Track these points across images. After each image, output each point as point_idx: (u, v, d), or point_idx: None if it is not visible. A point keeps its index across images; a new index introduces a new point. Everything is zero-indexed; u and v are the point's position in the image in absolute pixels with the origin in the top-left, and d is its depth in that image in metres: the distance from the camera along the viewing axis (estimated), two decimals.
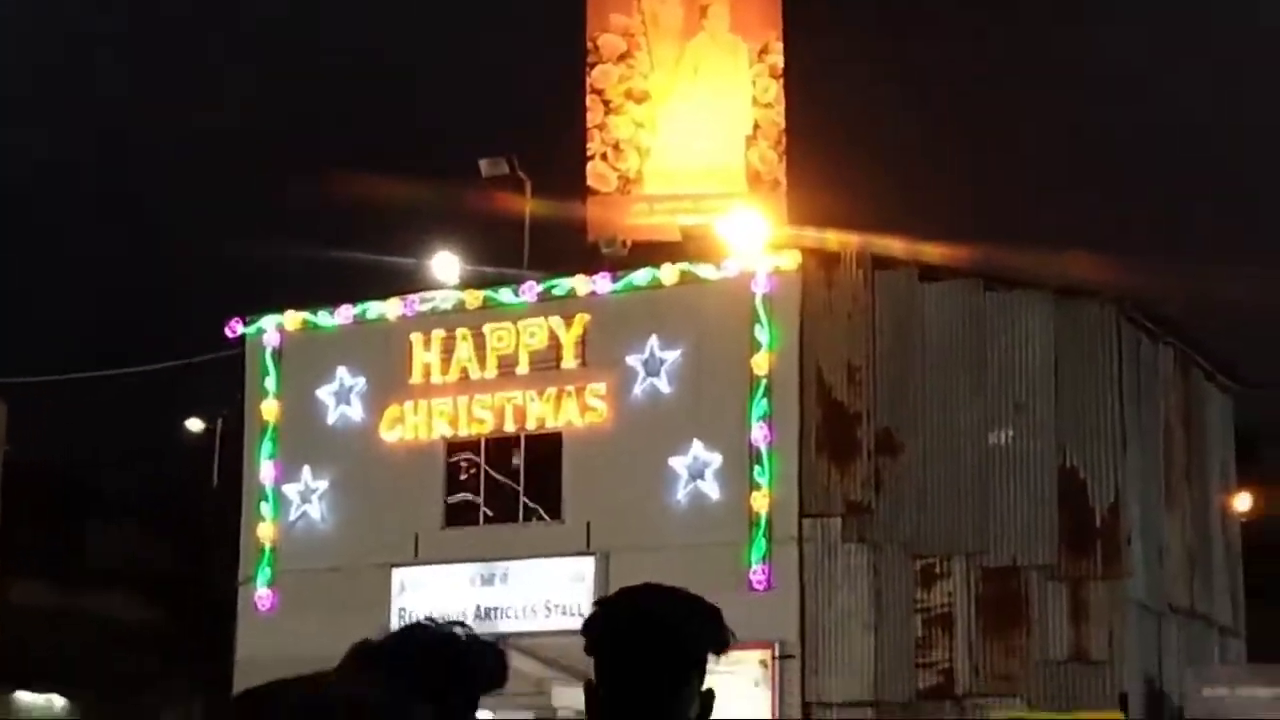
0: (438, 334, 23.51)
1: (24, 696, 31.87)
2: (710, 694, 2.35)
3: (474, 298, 23.47)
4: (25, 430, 31.37)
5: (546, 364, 22.98)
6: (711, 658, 2.21)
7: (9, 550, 30.00)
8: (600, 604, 2.49)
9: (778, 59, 25.70)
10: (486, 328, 23.21)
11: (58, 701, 31.91)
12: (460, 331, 23.39)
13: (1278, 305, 28.52)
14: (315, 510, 24.23)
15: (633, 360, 22.32)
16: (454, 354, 23.36)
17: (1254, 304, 25.58)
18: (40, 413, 32.30)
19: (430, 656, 2.12)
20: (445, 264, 24.69)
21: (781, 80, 25.88)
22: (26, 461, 30.95)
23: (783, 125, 25.75)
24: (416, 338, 23.58)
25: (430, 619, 2.30)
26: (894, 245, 22.57)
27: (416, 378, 23.59)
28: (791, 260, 21.88)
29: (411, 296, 24.04)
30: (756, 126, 25.55)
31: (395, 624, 19.01)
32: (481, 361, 23.19)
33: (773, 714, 20.12)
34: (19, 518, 30.16)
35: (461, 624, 2.24)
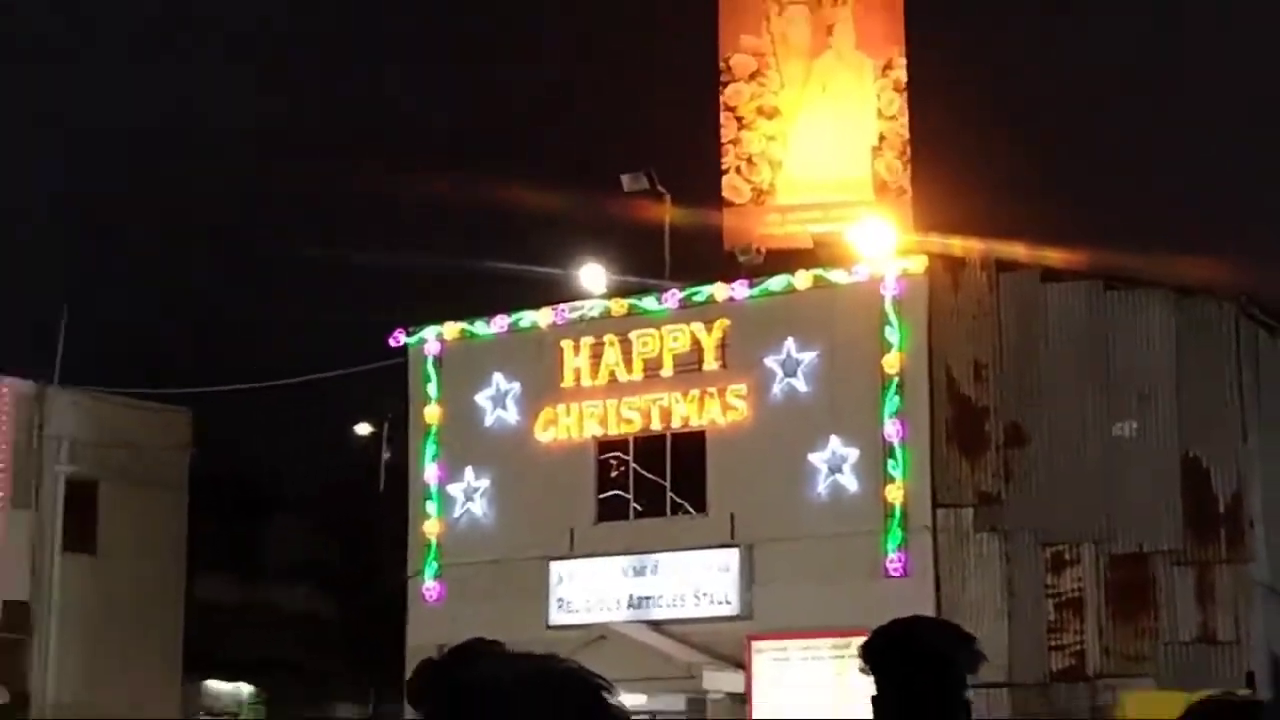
0: (586, 340, 23.92)
1: (213, 684, 32.23)
2: (969, 702, 2.86)
3: (619, 306, 23.88)
4: (210, 436, 31.99)
5: (689, 366, 23.28)
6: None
7: (197, 547, 30.94)
8: (879, 633, 2.93)
9: (901, 74, 25.87)
10: (632, 334, 23.63)
11: (245, 689, 32.24)
12: (608, 338, 23.77)
13: None
14: (477, 507, 24.76)
15: (771, 362, 22.56)
16: (602, 359, 23.77)
17: None
18: (222, 419, 32.85)
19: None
20: (592, 274, 24.82)
21: (905, 93, 26.02)
22: (211, 466, 31.63)
23: (906, 136, 25.91)
24: (567, 344, 23.96)
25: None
26: (1016, 249, 22.86)
27: (568, 382, 23.96)
28: (919, 264, 22.14)
29: (561, 306, 24.44)
30: (882, 138, 25.74)
31: (554, 613, 19.58)
32: (628, 365, 23.54)
33: None
34: (206, 518, 31.28)
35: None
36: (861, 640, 3.01)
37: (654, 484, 23.62)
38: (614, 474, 23.93)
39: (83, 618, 27.93)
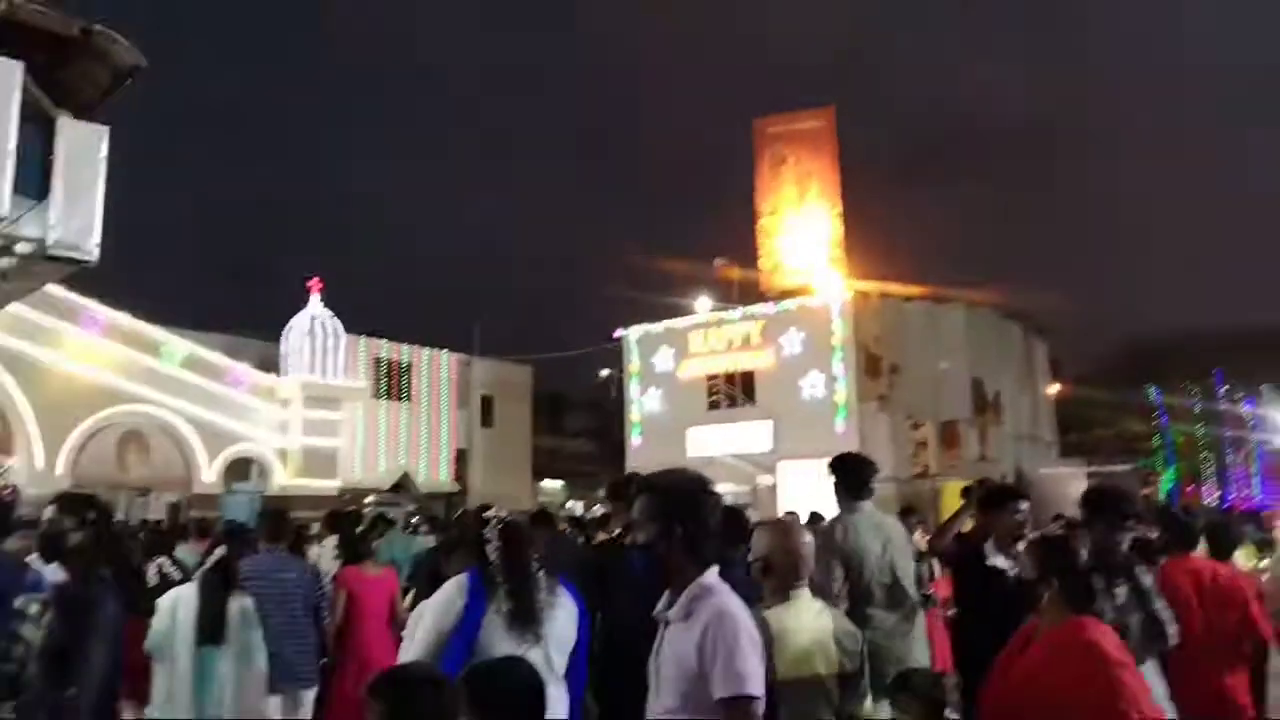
0: (698, 332, 25.87)
1: (545, 483, 33.16)
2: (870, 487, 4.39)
3: (714, 316, 25.80)
4: (542, 378, 32.79)
5: (745, 345, 25.03)
6: None
7: (542, 431, 32.64)
8: (834, 458, 4.69)
9: (839, 208, 27.38)
10: (722, 326, 25.56)
11: (559, 484, 33.08)
12: (707, 331, 25.72)
13: None
14: (653, 405, 26.54)
15: (782, 339, 24.38)
16: (705, 341, 25.67)
17: None
18: (548, 369, 33.15)
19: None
20: (702, 303, 26.76)
21: (842, 217, 27.26)
22: (541, 389, 32.74)
23: (842, 236, 27.17)
24: (694, 333, 25.84)
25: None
26: (890, 285, 24.96)
27: (693, 349, 25.87)
28: (849, 294, 23.71)
29: (688, 316, 26.26)
30: (832, 238, 27.22)
31: (689, 453, 24.46)
32: (719, 342, 25.39)
33: None
34: (540, 417, 33.03)
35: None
36: (826, 461, 4.62)
37: (731, 393, 25.29)
38: (713, 389, 25.59)
39: (485, 456, 29.96)
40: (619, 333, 27.63)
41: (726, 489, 20.24)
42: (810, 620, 3.03)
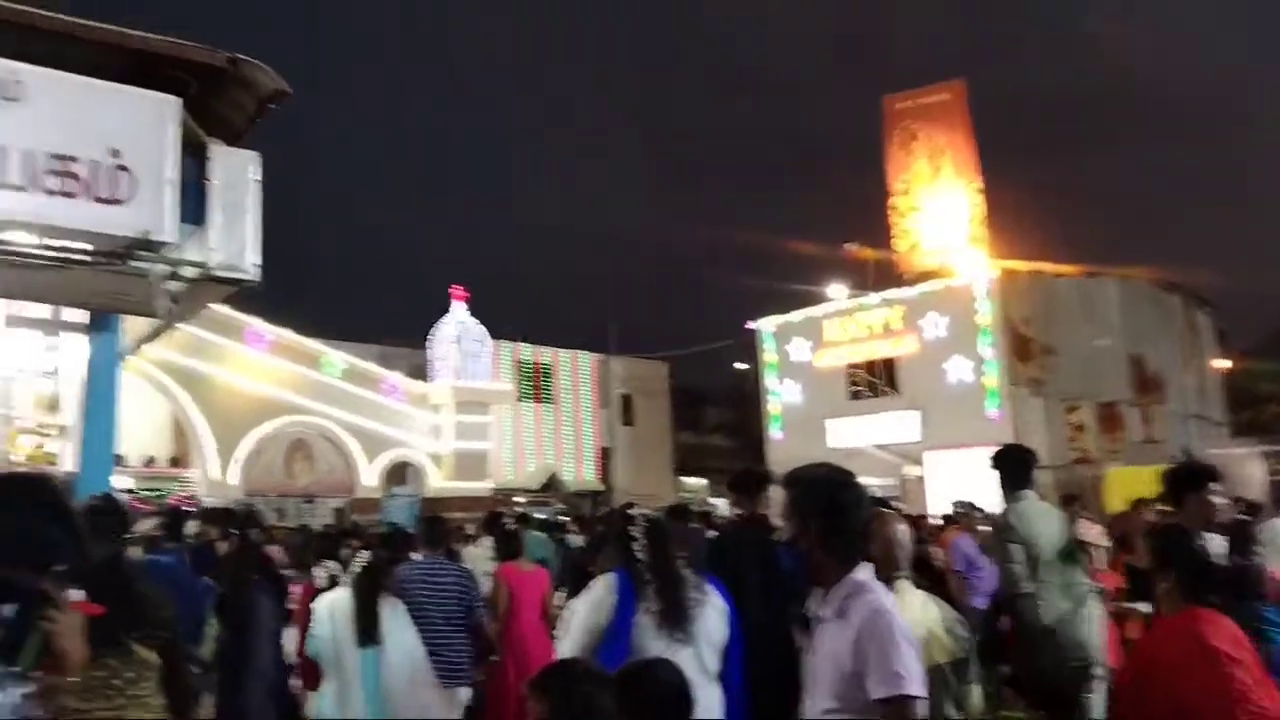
0: (833, 320, 25.59)
1: (687, 480, 32.39)
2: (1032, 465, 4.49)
3: (851, 303, 25.41)
4: (679, 371, 32.85)
5: (884, 332, 24.70)
6: None
7: (678, 424, 32.41)
8: (999, 450, 4.77)
9: (979, 184, 26.68)
10: (858, 314, 25.16)
11: (701, 481, 31.90)
12: (842, 319, 25.43)
13: None
14: (791, 397, 26.37)
15: (923, 322, 23.80)
16: (841, 329, 25.46)
17: None
18: (684, 364, 33.17)
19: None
20: (837, 289, 26.45)
21: (982, 194, 26.58)
22: (678, 384, 32.72)
23: (985, 214, 26.49)
24: (828, 321, 25.65)
25: None
26: (1039, 264, 23.88)
27: (828, 338, 25.58)
28: (994, 273, 23.34)
29: (823, 304, 26.05)
30: (972, 216, 26.55)
31: (829, 443, 24.33)
32: (859, 330, 25.22)
33: None
34: (680, 409, 32.81)
35: None
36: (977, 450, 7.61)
37: (873, 382, 24.97)
38: (854, 379, 25.31)
39: (627, 454, 30.39)
40: (752, 324, 27.43)
41: (871, 482, 21.36)
42: (919, 611, 3.06)
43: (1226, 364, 29.29)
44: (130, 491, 16.58)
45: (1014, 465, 4.89)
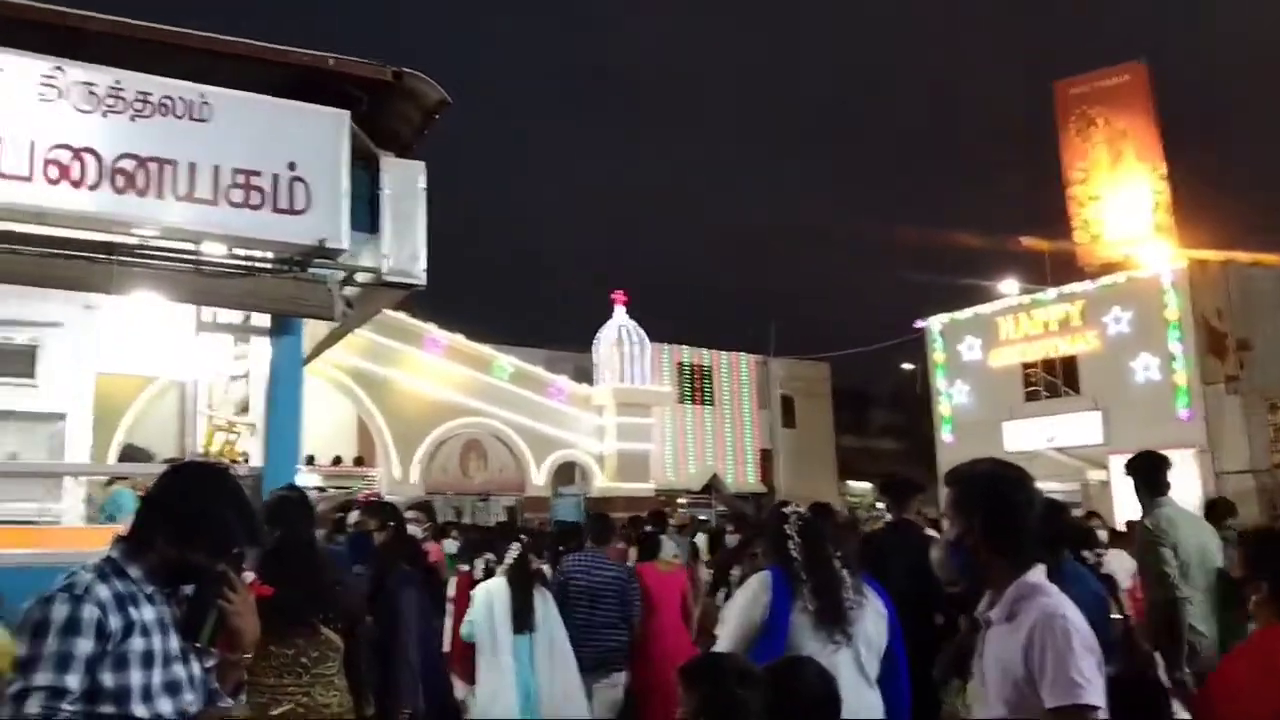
0: (1008, 317, 25.01)
1: (852, 484, 32.18)
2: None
3: (1028, 299, 24.70)
4: (841, 374, 32.51)
5: (1060, 330, 23.73)
6: None
7: (842, 427, 32.14)
8: (1140, 455, 4.62)
9: (1163, 169, 25.61)
10: (1034, 311, 24.40)
11: (867, 485, 30.84)
12: (1017, 315, 24.71)
13: None
14: (961, 398, 25.78)
15: (1106, 319, 22.83)
16: (1018, 326, 24.66)
17: None
18: (846, 366, 32.51)
19: None
20: (1008, 285, 25.84)
21: (1166, 180, 25.51)
22: (838, 383, 32.43)
23: (1170, 201, 25.38)
24: (1001, 319, 25.04)
25: None
26: (1227, 254, 22.31)
27: (1003, 335, 24.89)
28: (1181, 264, 22.04)
29: (994, 301, 25.45)
30: (1156, 205, 25.35)
31: (1007, 445, 23.35)
32: (1036, 327, 24.28)
33: None
34: (843, 411, 32.30)
35: None
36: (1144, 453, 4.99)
37: (1052, 381, 24.11)
38: (1030, 378, 24.57)
39: (789, 456, 30.27)
40: (920, 323, 27.01)
41: (1051, 486, 19.28)
42: None
43: None
44: (319, 489, 17.40)
45: (1150, 472, 4.97)
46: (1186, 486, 17.94)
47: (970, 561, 2.33)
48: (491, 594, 5.02)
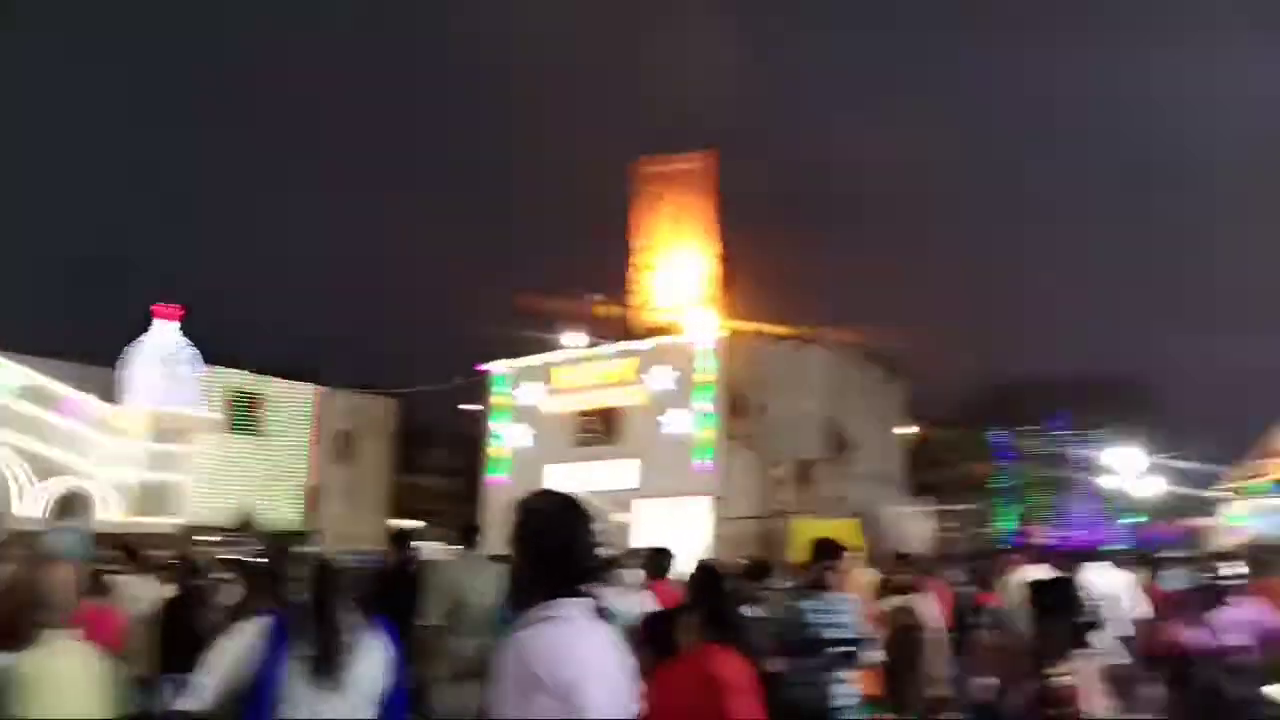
0: (565, 368, 25.81)
1: None
2: None
3: (583, 353, 25.89)
4: None
5: (616, 383, 24.89)
6: None
7: None
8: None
9: (718, 248, 27.79)
10: (593, 363, 25.61)
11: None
12: (577, 366, 25.68)
13: None
14: None
15: (647, 378, 24.22)
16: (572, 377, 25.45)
17: None
18: None
19: None
20: (572, 338, 26.54)
21: (721, 259, 27.79)
22: None
23: (721, 277, 27.50)
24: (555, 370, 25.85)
25: None
26: (758, 327, 24.73)
27: (554, 384, 25.79)
28: (721, 333, 23.69)
29: (556, 351, 26.13)
30: (708, 280, 27.37)
31: None
32: (589, 378, 25.26)
33: None
34: None
35: None
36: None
37: (598, 430, 24.93)
38: (584, 426, 25.10)
39: (341, 493, 29.43)
40: (484, 366, 27.34)
41: None
42: None
43: (914, 430, 32.00)
44: None
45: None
46: (701, 528, 21.61)
47: (518, 586, 2.37)
48: None
